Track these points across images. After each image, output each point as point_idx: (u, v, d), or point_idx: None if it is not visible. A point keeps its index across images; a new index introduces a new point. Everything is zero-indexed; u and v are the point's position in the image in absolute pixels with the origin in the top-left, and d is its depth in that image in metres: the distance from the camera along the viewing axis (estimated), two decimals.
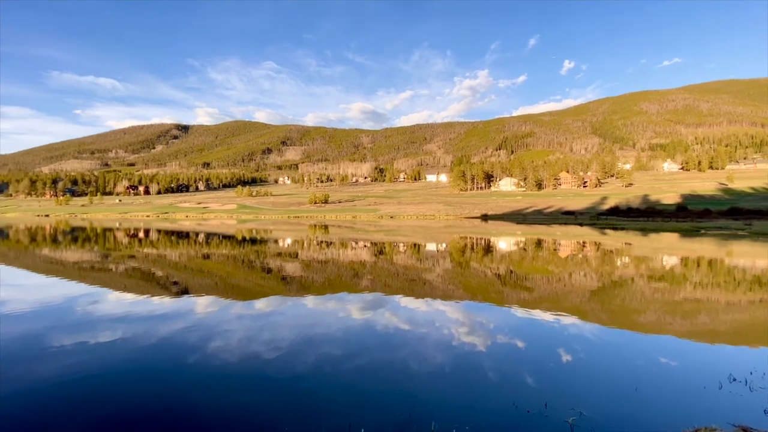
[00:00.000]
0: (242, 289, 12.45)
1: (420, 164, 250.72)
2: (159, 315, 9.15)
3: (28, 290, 12.27)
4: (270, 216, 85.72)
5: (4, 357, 6.48)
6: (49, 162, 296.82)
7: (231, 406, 4.90)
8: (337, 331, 7.94)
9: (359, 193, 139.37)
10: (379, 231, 41.78)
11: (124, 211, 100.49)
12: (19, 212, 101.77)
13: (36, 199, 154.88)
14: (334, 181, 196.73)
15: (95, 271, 16.08)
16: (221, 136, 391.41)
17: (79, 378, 5.67)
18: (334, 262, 18.18)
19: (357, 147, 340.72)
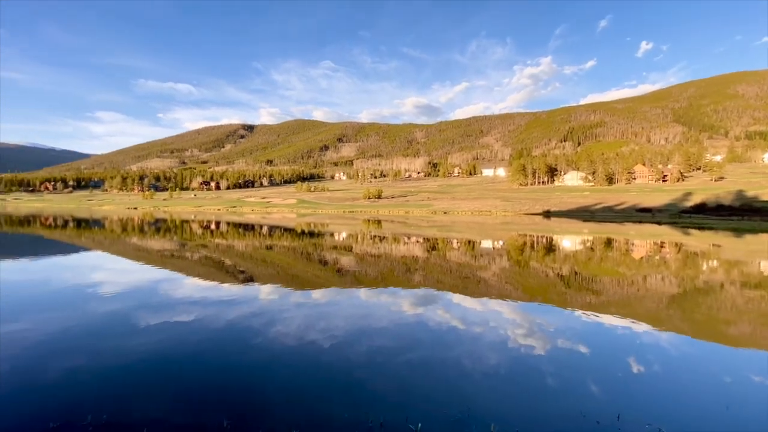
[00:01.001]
0: (301, 280, 13.08)
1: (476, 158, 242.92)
2: (228, 300, 9.96)
3: (120, 274, 14.04)
4: (326, 210, 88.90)
5: (100, 332, 7.50)
6: (137, 161, 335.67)
7: (290, 387, 5.19)
8: (389, 324, 8.02)
9: (412, 189, 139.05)
10: (431, 227, 41.38)
11: (199, 205, 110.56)
12: (113, 205, 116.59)
13: (126, 193, 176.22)
14: (387, 176, 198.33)
15: (174, 258, 17.93)
16: (282, 135, 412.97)
17: (162, 354, 6.38)
18: (386, 257, 18.37)
19: (410, 142, 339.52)
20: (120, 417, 4.35)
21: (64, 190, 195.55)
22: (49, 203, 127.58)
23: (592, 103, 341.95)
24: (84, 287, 11.43)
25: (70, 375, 5.46)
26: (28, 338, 6.92)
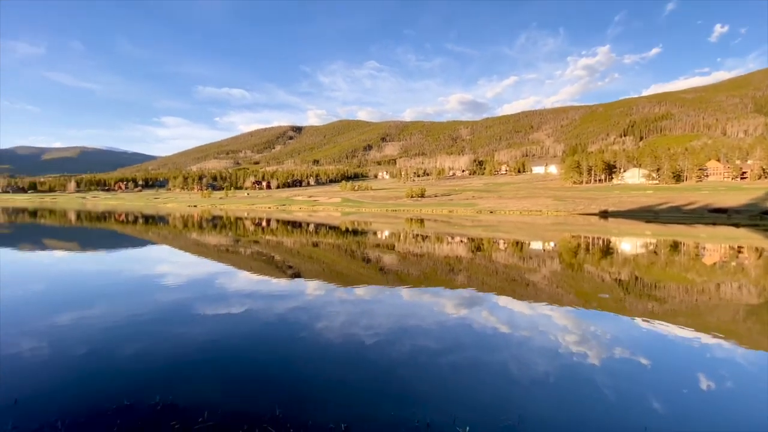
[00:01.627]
0: (345, 276, 13.35)
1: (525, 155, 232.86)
2: (277, 294, 10.42)
3: (182, 266, 15.21)
4: (370, 209, 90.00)
5: (164, 320, 8.16)
6: (196, 162, 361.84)
7: (335, 381, 5.31)
8: (432, 325, 7.93)
9: (456, 187, 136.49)
10: (476, 226, 40.36)
11: (251, 203, 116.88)
12: (175, 203, 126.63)
13: (187, 192, 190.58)
14: (430, 175, 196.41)
15: (229, 253, 19.10)
16: (328, 136, 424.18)
17: (218, 342, 6.81)
18: (429, 256, 18.20)
19: (455, 139, 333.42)
20: (183, 399, 4.70)
21: (134, 189, 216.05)
22: (121, 201, 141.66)
23: (657, 94, 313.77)
24: (150, 278, 12.55)
25: (139, 358, 6.01)
26: (103, 323, 7.71)
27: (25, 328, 7.24)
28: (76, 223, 39.90)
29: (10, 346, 6.32)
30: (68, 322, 7.63)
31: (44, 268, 14.37)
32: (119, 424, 4.11)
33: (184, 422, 4.18)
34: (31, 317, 7.97)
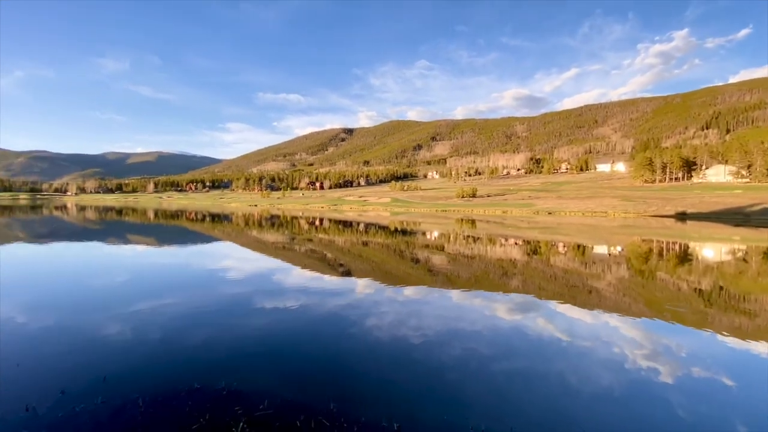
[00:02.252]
0: (393, 276, 13.39)
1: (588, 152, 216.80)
2: (329, 291, 10.73)
3: (243, 261, 16.26)
4: (419, 209, 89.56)
5: (226, 311, 8.76)
6: (257, 164, 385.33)
7: (385, 379, 5.34)
8: (484, 329, 7.66)
9: (511, 187, 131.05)
10: (533, 228, 38.37)
11: (305, 203, 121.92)
12: (237, 203, 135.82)
13: (248, 193, 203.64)
14: (482, 174, 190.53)
15: (285, 250, 20.07)
16: (378, 137, 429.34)
17: (274, 334, 7.19)
18: (481, 258, 17.64)
19: (509, 137, 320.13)
20: (245, 386, 5.03)
21: (202, 190, 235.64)
22: (192, 200, 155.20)
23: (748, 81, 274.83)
24: (215, 271, 13.59)
25: (205, 345, 6.52)
26: (174, 311, 8.48)
27: (111, 314, 8.19)
28: (154, 220, 44.44)
29: (99, 329, 7.20)
30: (146, 310, 8.51)
31: (127, 260, 16.19)
32: (191, 405, 4.49)
33: (246, 408, 4.46)
34: (116, 304, 9.01)
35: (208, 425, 4.13)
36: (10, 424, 4.00)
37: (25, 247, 19.57)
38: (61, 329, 7.14)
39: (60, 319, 7.75)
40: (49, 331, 7.00)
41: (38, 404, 4.40)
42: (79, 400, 4.52)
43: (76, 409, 4.35)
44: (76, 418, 4.17)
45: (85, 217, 46.94)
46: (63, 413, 4.25)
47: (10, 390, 4.77)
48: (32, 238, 23.45)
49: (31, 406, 4.36)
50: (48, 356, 5.87)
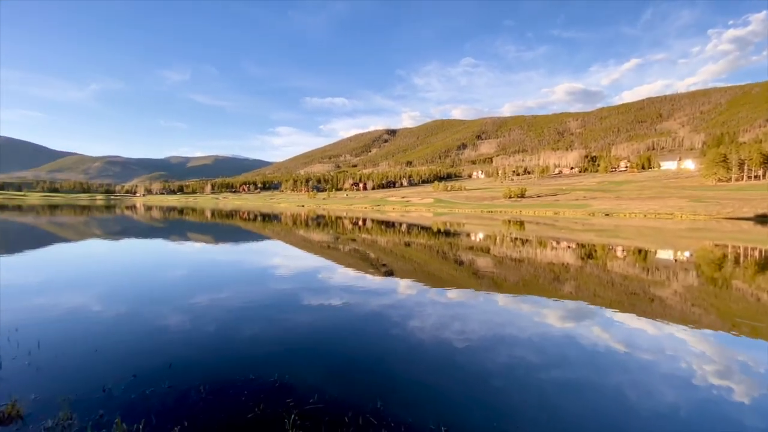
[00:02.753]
0: (436, 278, 13.25)
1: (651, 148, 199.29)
2: (371, 290, 10.88)
3: (290, 259, 16.96)
4: (463, 210, 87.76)
5: (275, 306, 9.18)
6: (304, 166, 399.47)
7: (425, 381, 5.31)
8: (532, 336, 7.35)
9: (563, 186, 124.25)
10: (587, 230, 36.11)
11: (349, 204, 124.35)
12: (286, 203, 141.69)
13: (296, 193, 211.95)
14: (532, 173, 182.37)
15: (329, 249, 20.63)
16: (421, 137, 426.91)
17: (319, 331, 7.42)
18: (529, 262, 16.91)
19: (561, 134, 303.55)
20: (295, 380, 5.24)
21: (254, 191, 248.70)
22: (245, 201, 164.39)
23: None
24: (265, 268, 14.32)
25: (257, 338, 6.90)
26: (228, 305, 9.05)
27: (173, 305, 8.92)
28: (211, 219, 47.67)
29: (163, 319, 7.87)
30: (203, 302, 9.17)
31: (187, 256, 17.53)
32: (246, 395, 4.79)
33: (297, 401, 4.67)
34: (177, 296, 9.80)
35: (262, 414, 4.37)
36: (89, 404, 4.50)
37: (101, 243, 21.89)
38: (131, 318, 7.90)
39: (129, 308, 8.59)
40: (120, 320, 7.78)
41: (113, 386, 4.91)
42: (148, 384, 4.99)
43: (146, 392, 4.80)
44: (146, 401, 4.60)
45: (151, 216, 51.49)
46: (135, 395, 4.71)
47: (90, 372, 5.36)
48: (106, 235, 26.18)
49: (107, 387, 4.88)
50: (120, 342, 6.53)
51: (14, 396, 4.44)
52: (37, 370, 5.36)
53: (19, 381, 5.01)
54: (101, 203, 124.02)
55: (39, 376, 5.17)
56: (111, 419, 4.13)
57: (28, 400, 4.47)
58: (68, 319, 7.70)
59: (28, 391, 4.67)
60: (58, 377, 5.18)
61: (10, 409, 4.20)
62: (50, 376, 5.21)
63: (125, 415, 4.23)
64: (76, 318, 7.82)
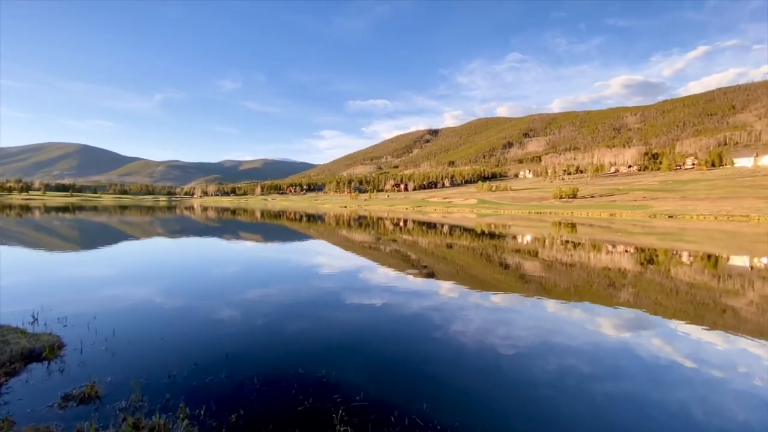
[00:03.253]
0: (480, 281, 12.96)
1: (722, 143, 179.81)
2: (412, 291, 10.88)
3: (333, 258, 17.40)
4: (509, 211, 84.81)
5: (318, 304, 9.47)
6: (346, 168, 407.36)
7: (469, 386, 5.23)
8: (584, 345, 6.96)
9: (620, 186, 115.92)
10: (648, 234, 33.41)
11: (390, 205, 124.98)
12: (329, 204, 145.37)
13: (339, 195, 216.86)
14: (585, 172, 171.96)
15: (371, 249, 20.89)
16: (465, 136, 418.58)
17: (361, 330, 7.57)
18: (582, 266, 15.99)
19: (618, 129, 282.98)
20: (341, 376, 5.41)
21: (300, 193, 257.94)
22: (291, 202, 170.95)
23: None
24: (310, 267, 14.83)
25: (303, 334, 7.18)
26: (275, 301, 9.50)
27: (226, 299, 9.53)
28: (260, 219, 50.14)
29: (218, 312, 8.44)
30: (253, 298, 9.70)
31: (238, 253, 18.61)
32: (296, 388, 5.03)
33: (344, 397, 4.82)
34: (229, 291, 10.46)
35: (311, 408, 4.56)
36: (157, 388, 4.95)
37: (163, 241, 23.84)
38: (190, 310, 8.56)
39: (188, 301, 9.31)
40: (181, 312, 8.46)
41: (177, 373, 5.36)
42: (208, 373, 5.39)
43: (206, 380, 5.20)
44: (207, 388, 4.97)
45: (207, 217, 55.19)
46: (196, 383, 5.11)
47: (157, 359, 5.89)
48: (168, 234, 28.48)
49: (172, 374, 5.33)
50: (182, 333, 7.10)
51: (93, 378, 5.00)
52: (113, 355, 5.99)
53: (97, 364, 5.62)
54: (164, 204, 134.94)
55: (114, 361, 5.77)
56: (176, 403, 4.52)
57: (105, 382, 5.01)
58: (137, 310, 8.51)
59: (105, 374, 5.24)
60: (130, 362, 5.74)
61: (89, 389, 4.73)
62: (123, 361, 5.80)
63: (188, 400, 4.61)
64: (143, 308, 8.62)
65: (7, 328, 6.69)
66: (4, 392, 4.72)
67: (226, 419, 4.26)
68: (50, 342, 6.21)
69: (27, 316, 7.54)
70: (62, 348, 6.17)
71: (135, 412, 4.29)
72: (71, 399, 4.57)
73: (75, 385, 4.88)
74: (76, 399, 4.57)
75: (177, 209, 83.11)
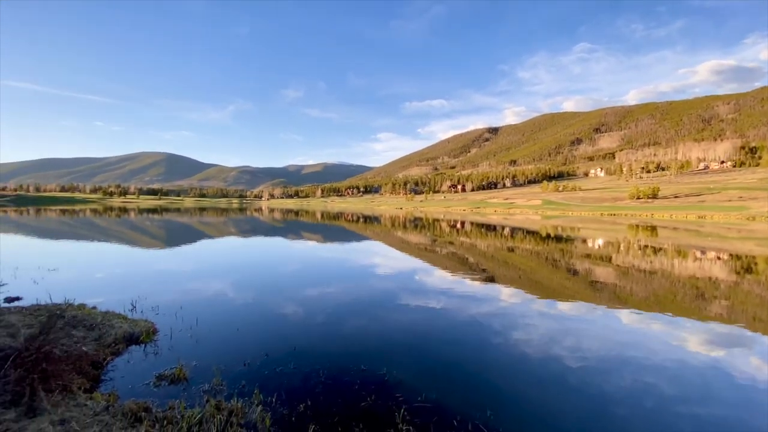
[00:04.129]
0: (545, 287, 12.28)
1: None
2: (470, 295, 10.66)
3: (389, 259, 17.62)
4: (578, 212, 78.95)
5: (376, 303, 9.67)
6: (402, 170, 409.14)
7: (532, 397, 5.02)
8: (666, 362, 6.30)
9: (711, 184, 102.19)
10: (746, 239, 29.04)
11: (447, 206, 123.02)
12: (385, 206, 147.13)
13: (395, 196, 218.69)
14: (667, 169, 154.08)
15: (427, 251, 20.79)
16: (527, 133, 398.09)
17: (417, 332, 7.60)
18: (664, 274, 14.41)
19: (707, 121, 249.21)
20: (402, 376, 5.52)
21: (357, 194, 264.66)
22: (349, 204, 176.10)
23: None
24: (366, 267, 15.20)
25: (361, 332, 7.42)
26: (334, 299, 9.90)
27: (290, 295, 10.17)
28: (320, 220, 52.37)
29: (283, 307, 9.03)
30: (314, 295, 10.22)
31: (301, 252, 19.66)
32: (359, 384, 5.24)
33: (405, 397, 4.92)
34: (292, 287, 11.12)
35: (374, 405, 4.72)
36: (235, 374, 5.44)
37: (235, 240, 25.96)
38: (259, 304, 9.26)
39: (257, 295, 10.08)
40: (252, 305, 9.19)
41: (251, 362, 5.85)
42: (278, 363, 5.82)
43: (276, 370, 5.61)
44: (278, 378, 5.38)
45: (273, 218, 58.98)
46: (268, 372, 5.55)
47: (234, 348, 6.47)
48: (239, 233, 30.95)
49: (247, 362, 5.83)
50: (254, 324, 7.71)
51: (181, 361, 5.65)
52: (197, 342, 6.70)
53: (184, 350, 6.33)
54: (236, 206, 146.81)
55: (198, 347, 6.45)
56: (251, 389, 4.95)
57: (191, 366, 5.63)
58: (216, 301, 9.42)
59: (191, 359, 5.88)
60: (211, 349, 6.39)
61: (178, 372, 5.35)
62: (206, 347, 6.46)
63: (262, 387, 5.03)
64: (221, 301, 9.51)
65: (112, 314, 7.81)
66: (111, 369, 5.53)
67: (295, 408, 4.57)
68: (146, 327, 7.13)
69: (127, 304, 8.73)
70: (156, 333, 7.05)
71: (216, 395, 4.78)
72: (164, 379, 5.22)
73: (166, 366, 5.56)
74: (168, 379, 5.21)
75: (247, 211, 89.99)
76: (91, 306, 8.20)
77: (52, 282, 10.86)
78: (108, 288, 10.58)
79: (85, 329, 6.65)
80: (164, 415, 4.11)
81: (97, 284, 11.09)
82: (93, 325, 6.87)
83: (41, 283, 10.69)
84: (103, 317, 7.39)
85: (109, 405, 4.22)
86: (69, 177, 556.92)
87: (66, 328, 6.37)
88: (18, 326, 6.37)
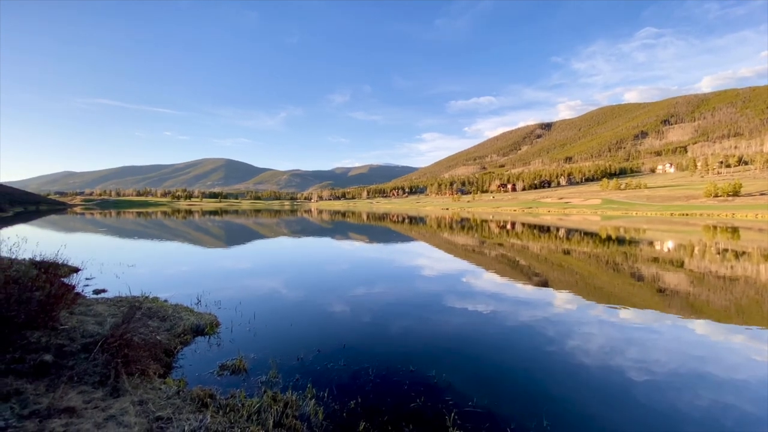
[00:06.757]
0: (605, 293, 11.46)
1: None
2: (522, 300, 10.24)
3: (435, 261, 17.43)
4: (643, 212, 72.58)
5: (422, 305, 9.62)
6: (448, 170, 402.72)
7: (591, 410, 4.74)
8: (751, 380, 5.62)
9: None
10: None
11: (496, 206, 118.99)
12: (431, 206, 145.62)
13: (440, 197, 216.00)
14: (751, 163, 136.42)
15: (475, 253, 20.29)
16: (584, 128, 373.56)
17: (464, 336, 7.47)
18: (747, 281, 12.80)
19: None
20: (450, 380, 5.48)
21: (402, 195, 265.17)
22: (394, 205, 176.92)
23: None
24: (413, 268, 15.17)
25: (409, 332, 7.45)
26: (380, 299, 10.01)
27: (339, 294, 10.46)
28: (366, 221, 53.17)
29: (333, 305, 9.31)
30: (361, 295, 10.41)
31: (348, 252, 20.11)
32: (408, 385, 5.30)
33: (456, 400, 4.90)
34: (341, 287, 11.43)
35: (423, 407, 4.74)
36: (289, 368, 5.73)
37: (286, 240, 27.18)
38: (310, 302, 9.64)
39: (308, 293, 10.51)
40: (303, 302, 9.59)
41: (304, 357, 6.12)
42: (329, 359, 6.03)
43: (328, 365, 5.83)
44: (329, 373, 5.58)
45: (322, 219, 60.92)
46: (320, 367, 5.78)
47: (288, 342, 6.81)
48: (290, 233, 32.35)
49: (300, 356, 6.11)
50: (306, 321, 8.05)
51: (241, 353, 6.05)
52: (255, 335, 7.13)
53: (244, 342, 6.77)
54: (287, 208, 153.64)
55: (256, 340, 6.87)
56: (304, 383, 5.19)
57: (249, 358, 6.01)
58: (271, 298, 9.96)
59: (249, 351, 6.28)
60: (268, 343, 6.77)
61: (239, 363, 5.74)
62: (263, 341, 6.87)
63: (314, 382, 5.26)
64: (275, 297, 10.04)
65: (181, 306, 8.57)
66: (180, 357, 6.06)
67: (346, 404, 4.72)
68: (210, 320, 7.73)
69: (193, 298, 9.51)
70: (218, 326, 7.62)
71: (272, 387, 5.07)
72: (226, 369, 5.64)
73: (228, 357, 5.99)
74: (229, 369, 5.61)
75: (298, 212, 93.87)
76: (163, 299, 9.06)
77: (130, 276, 12.16)
78: (176, 283, 11.61)
79: (158, 320, 7.36)
80: (227, 402, 4.44)
81: (167, 279, 12.23)
82: (165, 316, 7.60)
83: (122, 277, 12.01)
84: (173, 309, 8.15)
85: (179, 390, 4.65)
86: (144, 182, 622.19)
87: (143, 318, 7.11)
88: (104, 315, 7.23)
